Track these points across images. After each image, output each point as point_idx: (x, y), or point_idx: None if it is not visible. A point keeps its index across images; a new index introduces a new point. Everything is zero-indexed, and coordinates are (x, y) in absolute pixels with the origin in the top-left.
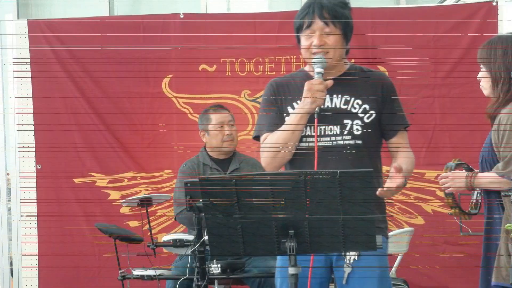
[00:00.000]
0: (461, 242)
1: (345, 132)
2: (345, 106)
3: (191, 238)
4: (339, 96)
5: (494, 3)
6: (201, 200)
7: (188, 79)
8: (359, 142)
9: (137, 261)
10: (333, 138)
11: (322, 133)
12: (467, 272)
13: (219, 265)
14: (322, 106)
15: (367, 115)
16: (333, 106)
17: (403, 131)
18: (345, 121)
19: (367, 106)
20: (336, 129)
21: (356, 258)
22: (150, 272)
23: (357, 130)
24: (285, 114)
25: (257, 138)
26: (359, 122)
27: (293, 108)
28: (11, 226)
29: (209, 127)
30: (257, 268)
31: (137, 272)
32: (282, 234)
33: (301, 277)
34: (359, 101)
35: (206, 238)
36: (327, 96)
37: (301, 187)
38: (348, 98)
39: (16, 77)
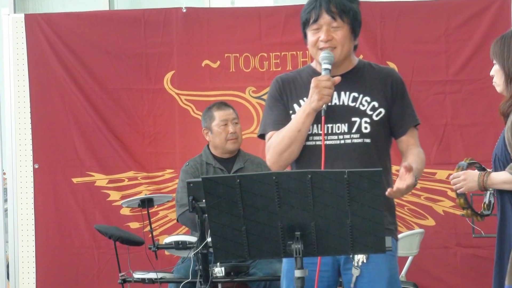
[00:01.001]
0: (473, 244)
1: (353, 130)
2: (353, 104)
3: (194, 240)
4: (347, 93)
5: None
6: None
7: (190, 75)
8: (368, 140)
9: (138, 264)
10: (340, 137)
11: (330, 132)
12: (480, 275)
13: (222, 268)
14: (329, 104)
15: (376, 112)
16: (341, 103)
17: (413, 129)
18: (353, 119)
19: (376, 104)
20: (344, 127)
21: (365, 261)
22: (152, 275)
23: (366, 128)
24: (291, 112)
25: (262, 136)
26: (367, 120)
27: (299, 105)
28: (8, 227)
29: (213, 125)
30: (262, 271)
31: (138, 275)
32: (288, 236)
33: (307, 280)
34: (368, 98)
35: (209, 240)
36: (335, 93)
37: (307, 187)
38: (357, 95)
39: (13, 74)
